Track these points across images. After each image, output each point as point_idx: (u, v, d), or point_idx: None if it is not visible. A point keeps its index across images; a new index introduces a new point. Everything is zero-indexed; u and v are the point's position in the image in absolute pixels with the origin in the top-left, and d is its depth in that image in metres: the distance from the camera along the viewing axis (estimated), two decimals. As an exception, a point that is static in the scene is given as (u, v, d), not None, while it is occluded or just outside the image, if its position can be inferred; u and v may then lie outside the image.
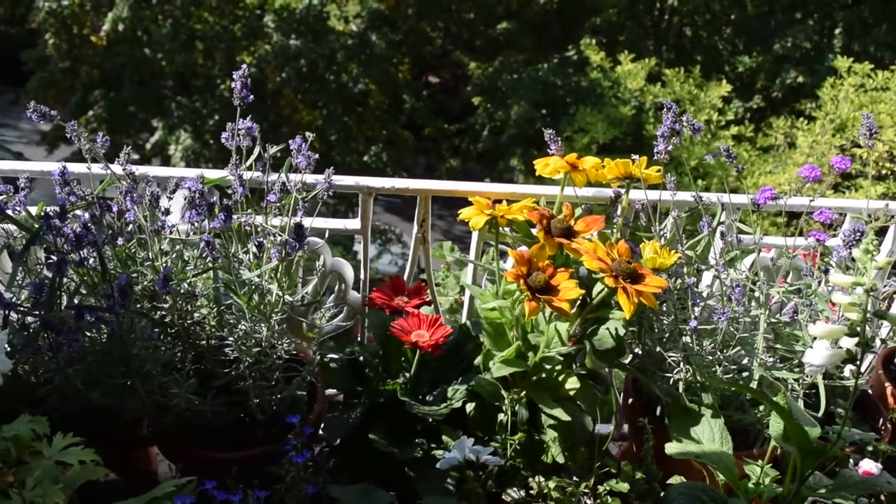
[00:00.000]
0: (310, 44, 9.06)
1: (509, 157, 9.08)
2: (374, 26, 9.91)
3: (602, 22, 10.81)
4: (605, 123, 8.37)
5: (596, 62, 8.92)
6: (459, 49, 11.79)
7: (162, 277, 1.19)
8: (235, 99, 1.31)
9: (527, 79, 9.25)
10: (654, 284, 1.22)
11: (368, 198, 1.45)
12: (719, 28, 10.70)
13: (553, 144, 1.44)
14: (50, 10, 8.60)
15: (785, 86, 9.51)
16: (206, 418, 1.33)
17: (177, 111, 8.82)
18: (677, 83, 8.59)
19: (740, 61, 10.09)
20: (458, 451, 1.15)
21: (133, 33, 8.86)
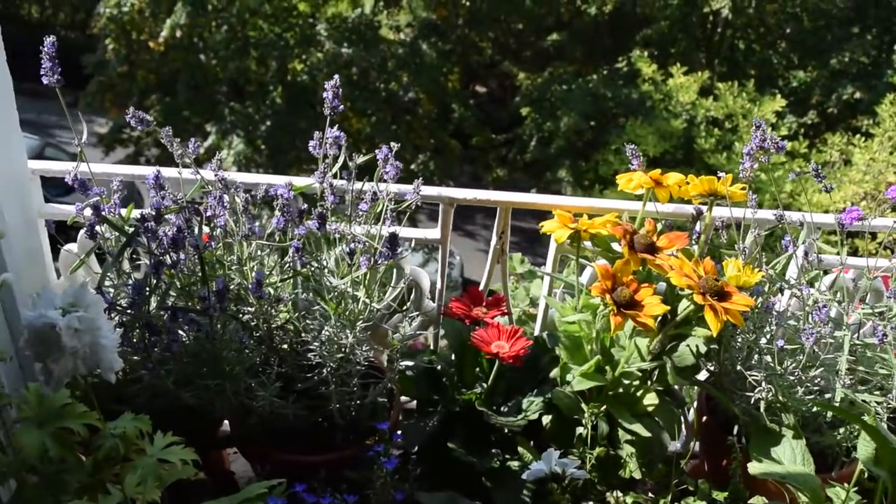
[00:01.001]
0: (361, 52, 9.17)
1: (557, 168, 9.06)
2: (424, 35, 9.99)
3: (653, 34, 10.72)
4: (655, 136, 8.31)
5: (647, 74, 8.86)
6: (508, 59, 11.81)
7: (255, 281, 1.22)
8: (326, 108, 1.34)
9: (577, 90, 9.22)
10: (742, 303, 1.22)
11: (450, 208, 1.47)
12: (773, 42, 10.54)
13: (635, 160, 1.44)
14: (111, 16, 8.84)
15: (841, 101, 9.33)
16: (288, 421, 1.35)
17: (229, 116, 8.99)
18: (730, 97, 8.49)
19: (795, 76, 9.93)
20: (544, 463, 1.16)
21: (189, 40, 9.06)
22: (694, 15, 10.48)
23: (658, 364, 1.37)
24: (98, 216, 1.31)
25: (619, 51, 10.21)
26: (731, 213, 1.42)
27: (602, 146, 8.79)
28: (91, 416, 0.98)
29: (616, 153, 8.36)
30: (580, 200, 1.47)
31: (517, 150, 10.02)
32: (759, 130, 1.34)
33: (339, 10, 9.89)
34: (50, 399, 0.98)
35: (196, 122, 9.05)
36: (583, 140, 9.16)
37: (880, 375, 1.39)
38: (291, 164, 8.88)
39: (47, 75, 1.32)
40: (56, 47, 1.30)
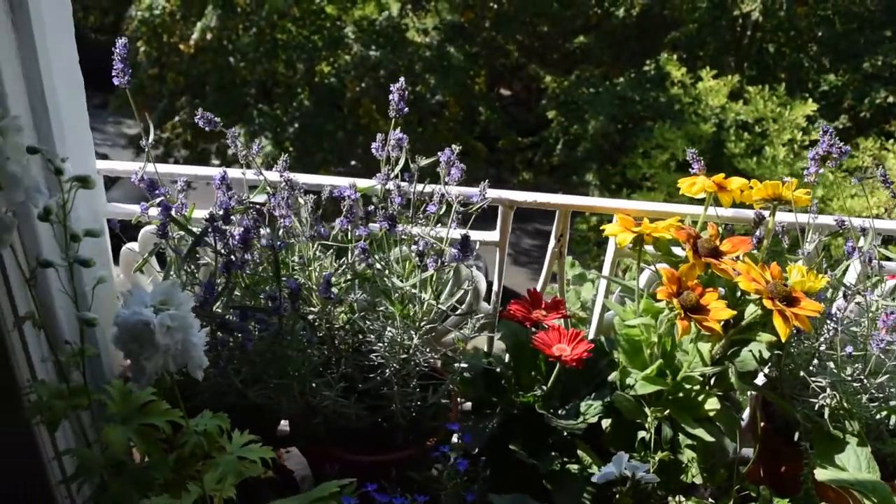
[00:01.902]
0: (388, 55, 9.20)
1: (584, 171, 9.03)
2: (450, 38, 10.01)
3: (681, 36, 10.66)
4: (683, 140, 8.25)
5: (676, 77, 8.81)
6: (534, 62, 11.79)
7: (324, 282, 1.23)
8: (392, 111, 1.35)
9: (604, 93, 9.19)
10: (810, 308, 1.21)
11: (509, 211, 1.48)
12: (804, 45, 10.44)
13: (696, 163, 1.44)
14: (143, 19, 8.95)
15: (874, 105, 9.22)
16: (350, 421, 1.37)
17: (258, 118, 9.06)
18: (760, 101, 8.42)
19: (826, 79, 9.82)
20: (615, 466, 1.16)
21: (219, 42, 9.14)
22: (723, 18, 10.41)
23: (720, 369, 1.37)
24: (167, 216, 1.33)
25: (647, 54, 10.17)
26: (795, 218, 1.41)
27: (629, 150, 8.75)
28: (174, 413, 0.99)
29: (644, 156, 8.32)
30: (641, 204, 1.47)
31: (543, 154, 9.99)
32: (827, 136, 1.34)
33: (367, 12, 9.93)
34: (134, 396, 1.00)
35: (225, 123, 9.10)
36: (610, 143, 9.13)
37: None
38: (319, 165, 8.93)
39: (118, 76, 1.34)
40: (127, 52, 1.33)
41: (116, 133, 11.39)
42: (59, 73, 1.18)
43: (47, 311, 1.16)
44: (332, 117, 9.19)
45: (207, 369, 1.31)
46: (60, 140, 1.20)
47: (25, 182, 0.82)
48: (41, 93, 1.14)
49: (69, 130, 1.23)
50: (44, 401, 0.97)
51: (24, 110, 1.11)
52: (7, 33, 1.07)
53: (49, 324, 1.16)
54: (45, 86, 1.14)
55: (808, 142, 8.38)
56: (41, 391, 0.99)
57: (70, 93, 1.24)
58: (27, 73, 1.11)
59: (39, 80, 1.13)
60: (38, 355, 1.16)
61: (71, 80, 1.25)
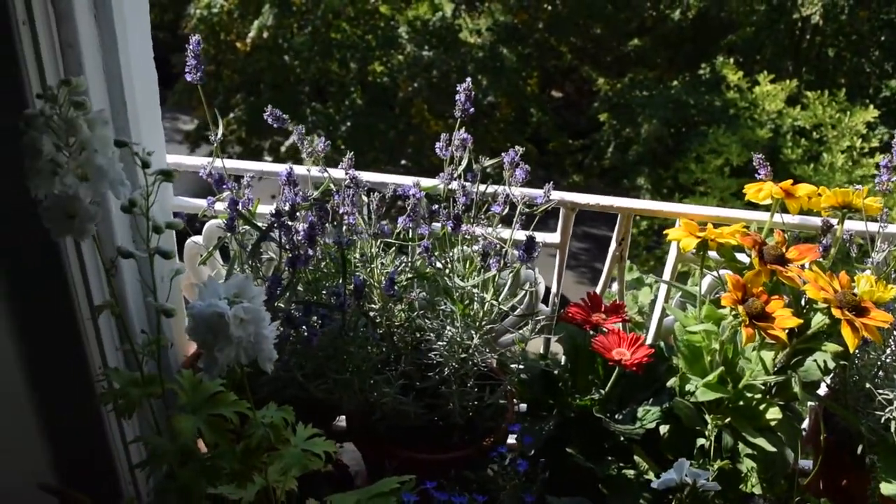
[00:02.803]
0: (441, 55, 9.24)
1: (636, 175, 8.94)
2: (503, 39, 10.00)
3: (738, 40, 10.48)
4: (738, 145, 8.11)
5: (733, 81, 8.67)
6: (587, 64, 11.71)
7: (388, 280, 1.25)
8: (457, 111, 1.36)
9: (658, 96, 9.09)
10: (881, 318, 1.19)
11: (571, 213, 1.47)
12: (866, 49, 10.17)
13: (762, 169, 1.42)
14: (201, 17, 9.13)
15: (937, 113, 8.95)
16: (409, 419, 1.38)
17: (311, 116, 9.17)
18: (819, 106, 8.24)
19: (888, 85, 9.56)
20: (676, 472, 1.15)
21: (274, 41, 9.28)
22: (782, 21, 10.20)
23: (783, 378, 1.35)
24: (235, 211, 1.36)
25: (703, 57, 10.02)
26: (866, 227, 1.38)
27: (682, 154, 8.64)
28: (242, 404, 1.01)
29: (697, 161, 8.21)
30: (705, 209, 1.46)
31: (594, 156, 9.92)
32: None
33: (420, 13, 9.98)
34: (204, 386, 1.02)
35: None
36: (662, 147, 9.02)
37: None
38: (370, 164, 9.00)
39: (191, 73, 1.38)
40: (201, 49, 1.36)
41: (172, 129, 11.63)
42: (136, 69, 1.21)
43: (121, 301, 1.20)
44: (383, 116, 9.27)
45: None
46: (136, 133, 1.24)
47: (111, 175, 0.85)
48: (120, 87, 1.17)
49: (144, 124, 1.26)
50: (118, 388, 1.00)
51: (104, 104, 1.15)
52: (91, 28, 1.10)
53: (123, 313, 1.20)
54: (124, 81, 1.17)
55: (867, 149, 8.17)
56: (115, 379, 1.02)
57: (146, 88, 1.27)
58: (107, 68, 1.15)
59: (119, 74, 1.16)
60: (110, 344, 1.20)
61: (147, 76, 1.28)
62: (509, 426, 1.25)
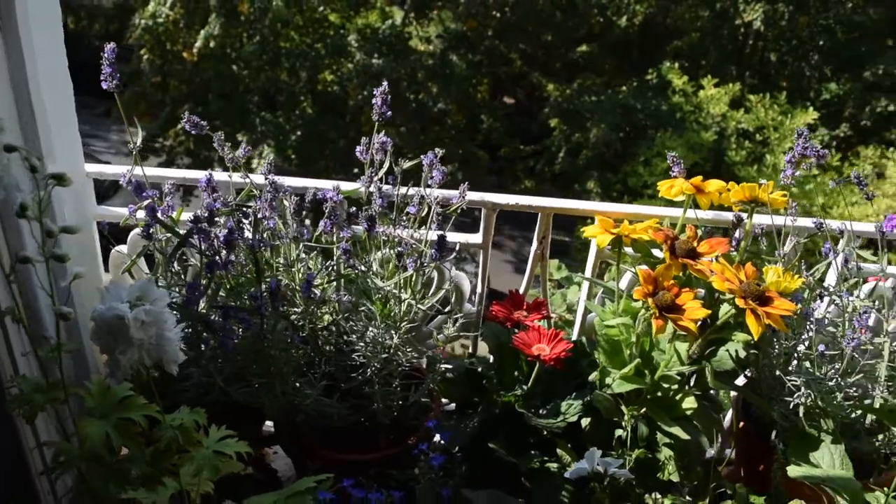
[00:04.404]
0: (391, 63, 9.25)
1: (585, 179, 9.06)
2: (453, 47, 10.06)
3: (684, 45, 10.70)
4: (684, 149, 8.28)
5: (678, 86, 8.86)
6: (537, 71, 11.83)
7: (305, 282, 1.25)
8: (375, 115, 1.38)
9: (606, 102, 9.23)
10: (783, 307, 1.23)
11: (492, 213, 1.50)
12: (806, 54, 10.46)
13: (675, 167, 1.46)
14: (146, 27, 9.01)
15: (875, 114, 9.24)
16: (333, 420, 1.39)
17: (260, 126, 9.11)
18: (762, 109, 8.46)
19: (827, 88, 9.84)
20: (587, 462, 1.18)
21: (222, 50, 9.20)
22: (725, 27, 10.44)
23: (697, 368, 1.39)
24: (153, 217, 1.36)
25: (650, 62, 10.20)
26: (771, 221, 1.43)
27: (631, 158, 8.78)
28: (151, 408, 1.01)
29: (645, 165, 8.35)
30: (621, 207, 1.49)
31: (545, 162, 10.03)
32: (802, 138, 1.36)
33: (370, 21, 10.00)
34: (112, 391, 1.02)
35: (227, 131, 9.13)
36: (611, 151, 9.16)
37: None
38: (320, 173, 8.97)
39: (107, 80, 1.37)
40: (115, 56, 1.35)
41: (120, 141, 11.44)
42: (46, 77, 1.20)
43: (30, 308, 1.19)
44: (334, 125, 9.24)
45: (191, 367, 1.34)
46: (47, 142, 1.23)
47: (5, 180, 0.85)
48: (27, 96, 1.16)
49: (56, 133, 1.25)
50: (24, 394, 1.00)
51: (9, 112, 1.14)
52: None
53: (31, 320, 1.19)
54: (32, 89, 1.17)
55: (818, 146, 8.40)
56: (23, 385, 1.02)
57: (57, 96, 1.27)
58: (13, 77, 1.14)
59: (26, 83, 1.16)
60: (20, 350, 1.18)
61: (58, 84, 1.28)
62: (426, 423, 1.26)
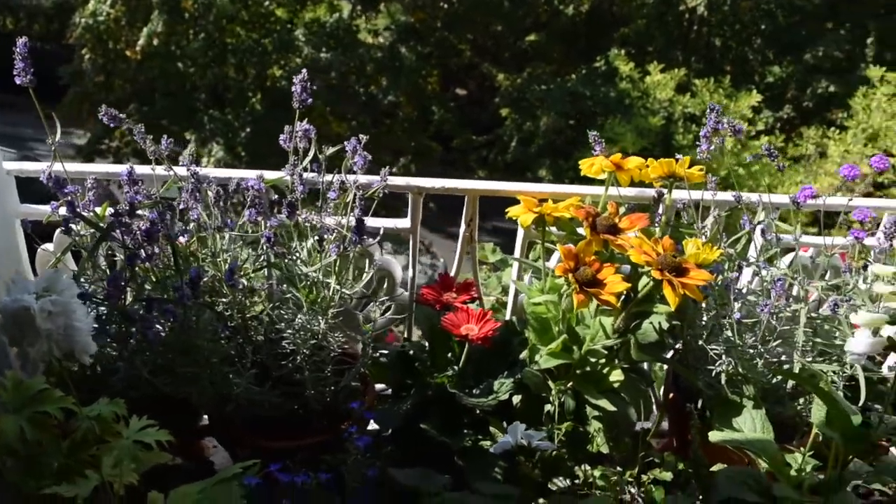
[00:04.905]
0: (340, 56, 9.20)
1: (537, 167, 9.13)
2: (402, 39, 10.04)
3: (630, 32, 10.83)
4: (633, 134, 8.39)
5: (625, 73, 8.96)
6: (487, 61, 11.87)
7: (228, 270, 1.25)
8: (295, 101, 1.38)
9: (555, 90, 9.30)
10: (699, 277, 1.26)
11: (418, 197, 1.51)
12: (749, 38, 10.67)
13: (597, 146, 1.49)
14: (87, 25, 8.82)
15: (816, 95, 9.47)
16: (264, 408, 1.39)
17: (209, 124, 8.99)
18: (707, 93, 8.60)
19: (770, 71, 10.05)
20: (511, 436, 1.20)
21: (166, 47, 9.05)
22: (670, 13, 10.59)
23: (623, 341, 1.42)
24: (73, 213, 1.34)
25: (597, 50, 10.30)
26: (689, 196, 1.47)
27: (582, 145, 8.87)
28: (67, 400, 1.01)
29: (595, 151, 8.43)
30: (545, 186, 1.51)
31: (498, 151, 10.08)
32: (714, 113, 1.39)
33: (317, 14, 9.92)
34: (26, 384, 1.01)
35: (175, 130, 9.03)
36: (562, 139, 9.24)
37: (838, 347, 1.44)
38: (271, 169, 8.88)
39: (20, 76, 1.34)
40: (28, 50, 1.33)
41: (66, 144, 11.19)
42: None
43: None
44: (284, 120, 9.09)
45: (117, 361, 1.33)
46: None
47: None
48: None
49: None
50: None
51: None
52: None
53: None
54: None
55: (754, 132, 8.59)
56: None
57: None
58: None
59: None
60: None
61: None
62: (350, 404, 1.27)
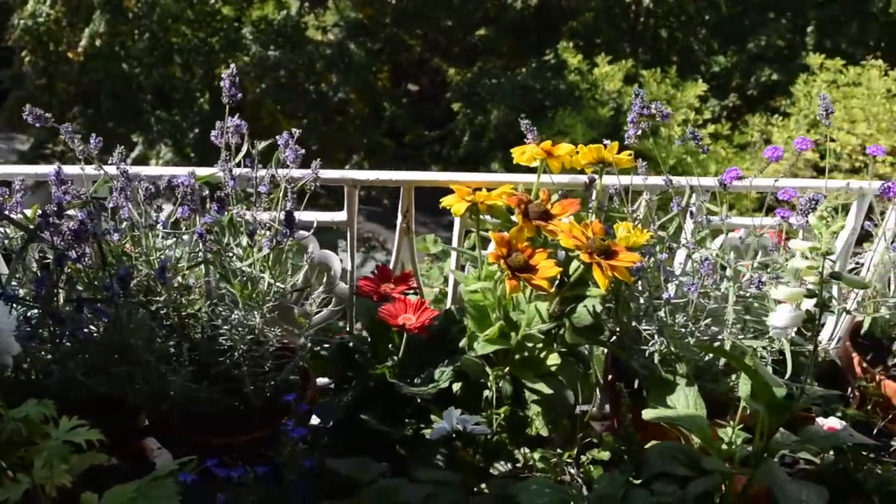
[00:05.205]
0: (288, 54, 9.12)
1: (490, 160, 9.17)
2: (352, 35, 10.00)
3: (579, 26, 10.94)
4: (583, 125, 8.49)
5: (573, 65, 9.06)
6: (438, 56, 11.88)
7: (159, 268, 1.24)
8: (225, 97, 1.37)
9: (506, 83, 9.36)
10: (628, 259, 1.29)
11: (353, 190, 1.51)
12: (694, 29, 10.85)
13: (529, 134, 1.51)
14: (26, 27, 8.60)
15: (760, 84, 9.68)
16: (203, 406, 1.38)
17: (156, 125, 8.85)
18: (654, 84, 8.73)
19: (715, 61, 10.24)
20: (446, 422, 1.21)
21: (110, 48, 8.88)
22: (617, 6, 10.72)
23: (560, 325, 1.44)
24: (0, 215, 1.32)
25: (546, 43, 10.38)
26: (618, 181, 1.50)
27: (533, 138, 8.93)
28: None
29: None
30: (479, 176, 1.53)
31: (451, 146, 10.10)
32: (638, 98, 1.42)
33: (265, 12, 9.82)
34: (-51, 389, 0.99)
35: (121, 132, 8.86)
36: (514, 132, 9.29)
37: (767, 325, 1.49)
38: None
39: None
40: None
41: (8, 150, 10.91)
42: None
43: None
44: (233, 120, 9.06)
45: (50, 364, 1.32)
46: None
47: None
48: None
49: None
50: None
51: None
52: None
53: None
54: None
55: (701, 120, 8.74)
56: None
57: None
58: None
59: None
60: None
61: None
62: (285, 396, 1.28)
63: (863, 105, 7.63)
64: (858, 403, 1.73)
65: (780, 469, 1.17)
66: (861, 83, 7.90)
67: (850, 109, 7.63)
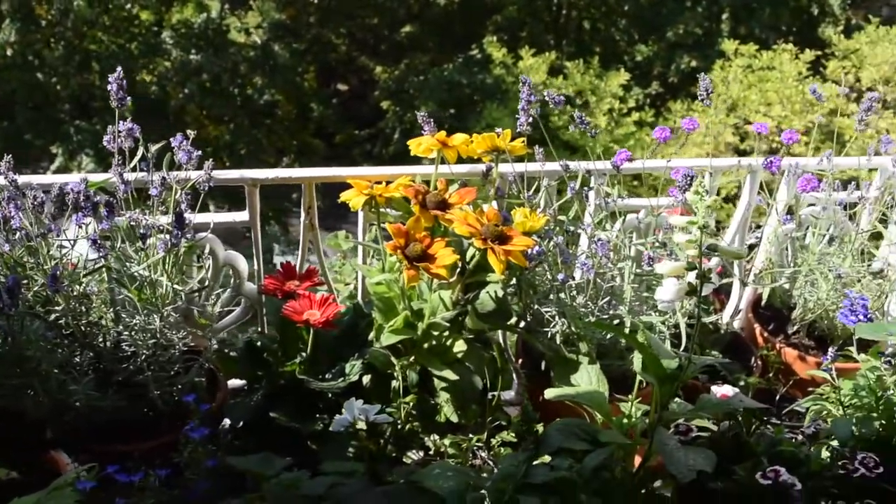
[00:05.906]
0: (211, 58, 8.97)
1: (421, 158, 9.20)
2: (276, 37, 9.89)
3: (503, 20, 11.03)
4: (511, 118, 8.57)
5: (498, 59, 9.14)
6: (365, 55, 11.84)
7: (50, 276, 1.23)
8: (112, 101, 1.36)
9: (433, 80, 9.40)
10: (522, 244, 1.33)
11: (254, 189, 1.51)
12: (615, 20, 11.06)
13: (426, 125, 1.53)
14: (-68, 38, 8.27)
15: (680, 71, 9.92)
16: (108, 414, 1.37)
17: (76, 135, 8.60)
18: (578, 75, 8.87)
19: (637, 50, 10.46)
20: (347, 413, 1.23)
21: (23, 58, 8.59)
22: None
23: (464, 312, 1.47)
24: None
25: (472, 38, 10.45)
26: (513, 169, 1.53)
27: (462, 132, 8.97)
28: None
29: (476, 137, 8.57)
30: (376, 169, 1.55)
31: (382, 144, 10.09)
32: (526, 86, 1.46)
33: (185, 15, 9.63)
34: None
35: (40, 144, 8.60)
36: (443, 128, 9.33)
37: (666, 301, 1.54)
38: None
39: None
40: None
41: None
42: None
43: None
44: (157, 127, 8.85)
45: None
46: None
47: None
48: None
49: None
50: None
51: None
52: None
53: None
54: None
55: (626, 109, 8.92)
56: None
57: None
58: None
59: None
60: None
61: None
62: (185, 397, 1.27)
63: (776, 88, 7.89)
64: (761, 371, 1.81)
65: (671, 437, 1.22)
66: (774, 67, 8.17)
67: (765, 93, 7.89)
